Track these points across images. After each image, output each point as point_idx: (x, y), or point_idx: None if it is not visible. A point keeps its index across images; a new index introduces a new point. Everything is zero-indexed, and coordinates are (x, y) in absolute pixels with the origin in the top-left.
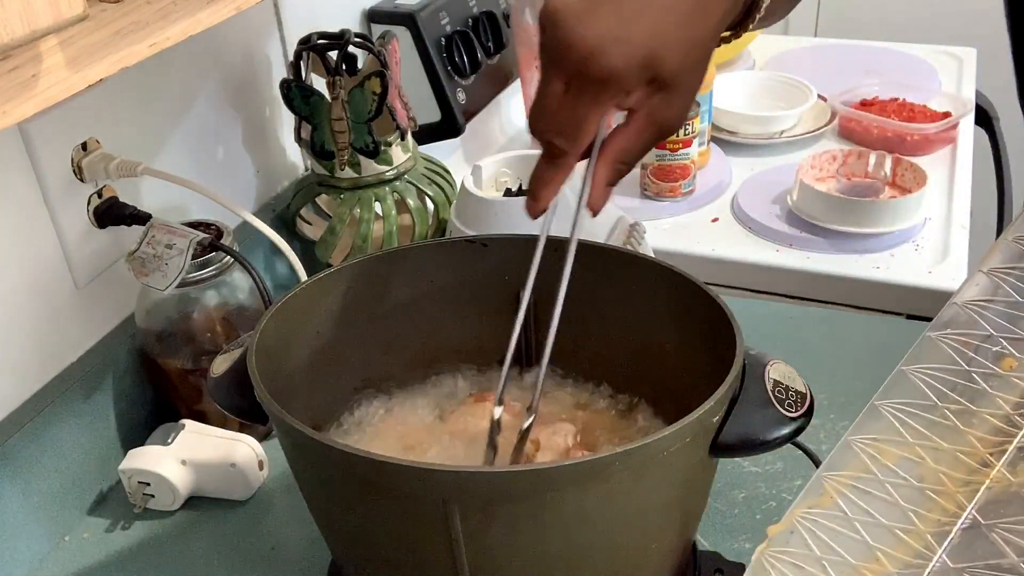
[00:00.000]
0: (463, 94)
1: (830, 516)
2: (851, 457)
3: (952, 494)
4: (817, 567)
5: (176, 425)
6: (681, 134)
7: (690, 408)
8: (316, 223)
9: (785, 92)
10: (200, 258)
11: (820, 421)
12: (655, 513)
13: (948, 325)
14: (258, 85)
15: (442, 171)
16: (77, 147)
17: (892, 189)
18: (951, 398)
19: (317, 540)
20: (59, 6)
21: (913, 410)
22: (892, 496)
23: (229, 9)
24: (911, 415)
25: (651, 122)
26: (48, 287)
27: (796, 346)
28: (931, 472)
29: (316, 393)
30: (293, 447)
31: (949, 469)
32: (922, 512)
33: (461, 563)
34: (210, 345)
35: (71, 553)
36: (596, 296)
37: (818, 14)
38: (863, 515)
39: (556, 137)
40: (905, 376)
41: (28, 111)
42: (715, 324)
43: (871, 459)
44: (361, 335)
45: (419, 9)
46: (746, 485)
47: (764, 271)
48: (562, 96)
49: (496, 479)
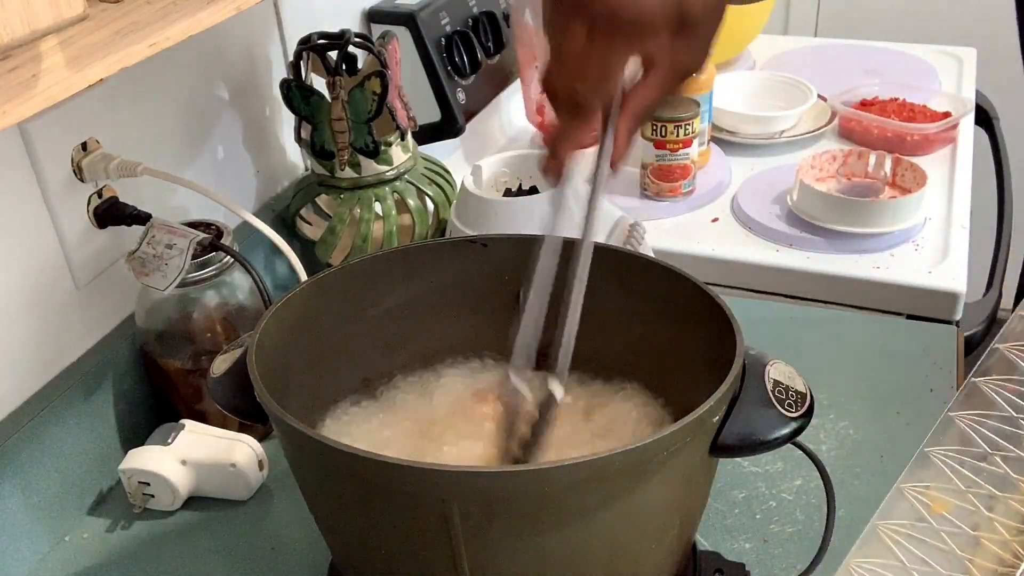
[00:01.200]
0: (463, 94)
1: (886, 565)
2: (904, 505)
3: (1007, 542)
4: None
5: (176, 425)
6: (681, 134)
7: (690, 408)
8: (316, 223)
9: (785, 92)
10: (200, 258)
11: (820, 421)
12: (655, 513)
13: (990, 371)
14: (258, 85)
15: (442, 171)
16: (77, 147)
17: (892, 189)
18: (1001, 445)
19: (317, 540)
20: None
21: (964, 457)
22: (948, 545)
23: (229, 9)
24: (961, 462)
25: (673, 69)
26: (48, 287)
27: (796, 346)
28: (985, 520)
29: (316, 393)
30: (293, 447)
31: (1003, 517)
32: (978, 560)
33: (461, 563)
34: (210, 345)
35: (71, 553)
36: (596, 296)
37: (818, 14)
38: (920, 564)
39: (582, 87)
40: (952, 422)
41: (28, 111)
42: (715, 324)
43: (924, 507)
44: (361, 335)
45: (419, 9)
46: (746, 485)
47: (764, 271)
48: (586, 45)
49: (496, 479)
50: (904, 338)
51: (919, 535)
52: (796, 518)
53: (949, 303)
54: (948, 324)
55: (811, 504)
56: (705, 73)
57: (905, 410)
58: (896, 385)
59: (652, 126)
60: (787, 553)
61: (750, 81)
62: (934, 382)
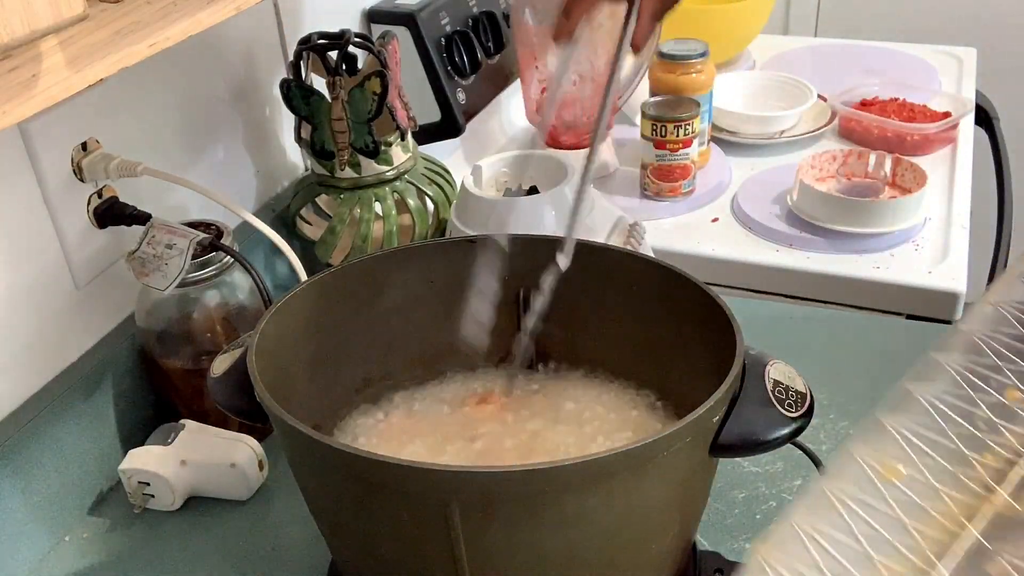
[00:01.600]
0: (463, 94)
1: (831, 524)
2: (853, 468)
3: (955, 515)
4: (815, 573)
5: (176, 425)
6: (681, 134)
7: (690, 408)
8: (316, 223)
9: (785, 92)
10: (200, 258)
11: (820, 421)
12: (655, 513)
13: (954, 349)
14: (258, 85)
15: (442, 171)
16: (77, 147)
17: (892, 189)
18: (955, 422)
19: (317, 540)
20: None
21: (918, 428)
22: (895, 511)
23: (229, 9)
24: (916, 433)
25: None
26: (48, 287)
27: (796, 346)
28: (934, 491)
29: (316, 393)
30: (293, 447)
31: (953, 491)
32: (924, 530)
33: (461, 563)
34: (210, 345)
35: (71, 553)
36: (596, 296)
37: (818, 14)
38: (864, 527)
39: None
40: (910, 395)
41: (28, 111)
42: (715, 324)
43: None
44: (361, 335)
45: (419, 9)
46: (746, 485)
47: (764, 271)
48: None
49: (496, 479)
50: (904, 338)
51: (866, 499)
52: None
53: (949, 303)
54: (948, 324)
55: None
56: (705, 73)
57: None
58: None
59: (652, 126)
60: None
61: (750, 81)
62: None
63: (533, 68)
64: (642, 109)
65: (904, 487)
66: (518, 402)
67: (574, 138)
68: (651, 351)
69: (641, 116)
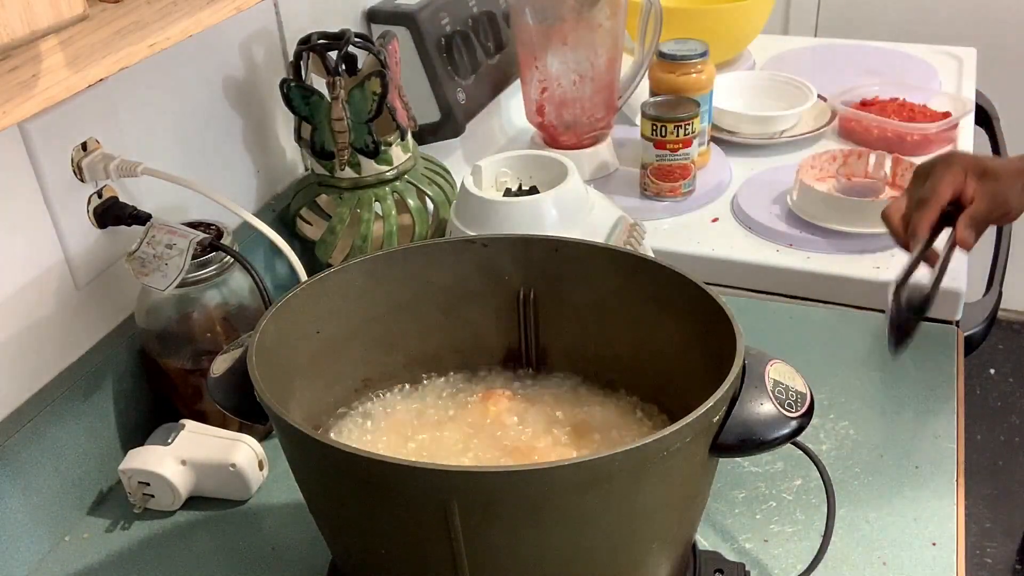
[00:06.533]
0: (463, 94)
1: None
2: None
3: None
4: None
5: (176, 425)
6: (681, 134)
7: (690, 408)
8: (316, 223)
9: (785, 92)
10: (200, 258)
11: (820, 421)
12: (655, 513)
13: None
14: (258, 85)
15: (442, 171)
16: (77, 147)
17: (892, 189)
18: None
19: (317, 540)
20: (59, 6)
21: None
22: None
23: (229, 9)
24: None
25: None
26: (48, 287)
27: (796, 346)
28: None
29: (316, 393)
30: (293, 447)
31: None
32: None
33: (461, 563)
34: (210, 345)
35: (71, 553)
36: (596, 296)
37: (818, 14)
38: None
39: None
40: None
41: (28, 111)
42: (715, 324)
43: None
44: (361, 335)
45: (419, 9)
46: (746, 485)
47: (764, 271)
48: (938, 192)
49: (496, 479)
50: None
51: None
52: (796, 518)
53: (949, 303)
54: (948, 324)
55: (811, 504)
56: (705, 73)
57: (905, 410)
58: (896, 385)
59: (652, 126)
60: (787, 553)
61: (750, 81)
62: (934, 382)
63: (533, 68)
64: (642, 109)
65: None
66: (519, 402)
67: (574, 138)
68: (651, 351)
69: (641, 116)
